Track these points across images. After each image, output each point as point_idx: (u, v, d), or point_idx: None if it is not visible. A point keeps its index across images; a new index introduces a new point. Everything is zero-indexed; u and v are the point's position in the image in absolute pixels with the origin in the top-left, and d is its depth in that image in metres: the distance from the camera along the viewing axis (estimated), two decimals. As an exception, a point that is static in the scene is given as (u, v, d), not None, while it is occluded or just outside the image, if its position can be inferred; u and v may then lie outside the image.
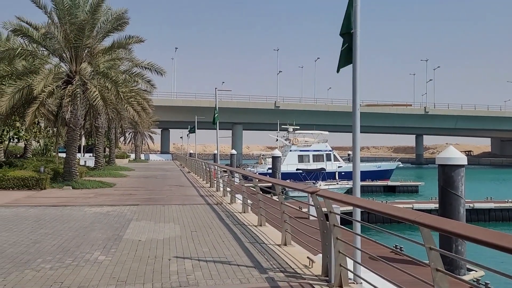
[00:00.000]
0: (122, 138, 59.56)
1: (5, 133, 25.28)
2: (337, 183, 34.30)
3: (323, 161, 44.66)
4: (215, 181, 18.26)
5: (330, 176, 39.96)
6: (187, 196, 15.77)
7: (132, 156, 61.15)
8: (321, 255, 5.80)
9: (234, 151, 46.61)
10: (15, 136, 26.71)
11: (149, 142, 71.05)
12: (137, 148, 62.71)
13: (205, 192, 16.96)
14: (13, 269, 5.88)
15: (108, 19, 19.37)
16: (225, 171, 16.93)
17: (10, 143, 31.61)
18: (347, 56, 5.99)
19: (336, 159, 45.99)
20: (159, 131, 74.55)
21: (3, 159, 26.97)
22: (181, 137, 66.92)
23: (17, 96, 17.25)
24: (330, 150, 46.29)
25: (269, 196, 16.45)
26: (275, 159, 32.15)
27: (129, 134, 61.43)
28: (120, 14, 19.44)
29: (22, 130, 25.83)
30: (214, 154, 39.66)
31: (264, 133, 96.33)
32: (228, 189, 14.80)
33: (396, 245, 10.44)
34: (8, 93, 17.07)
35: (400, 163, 51.23)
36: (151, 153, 75.07)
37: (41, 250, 7.03)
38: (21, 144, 36.07)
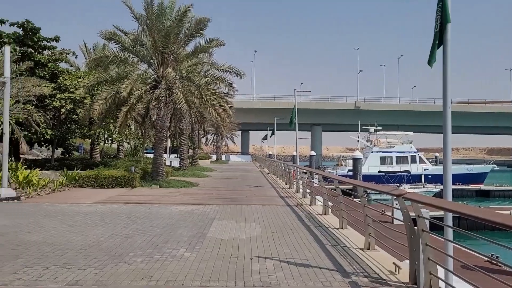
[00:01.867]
0: (204, 140, 61.85)
1: (100, 135, 27.40)
2: (423, 186, 32.53)
3: (408, 163, 42.65)
4: (295, 183, 18.20)
5: (415, 179, 38.04)
6: (267, 196, 15.90)
7: (214, 157, 63.18)
8: (408, 261, 5.50)
9: (313, 153, 46.22)
10: (109, 138, 28.85)
11: (230, 144, 72.97)
12: (218, 150, 64.67)
13: (284, 193, 16.98)
14: (108, 262, 6.31)
15: (191, 25, 20.19)
16: (304, 173, 16.81)
17: (105, 144, 34.25)
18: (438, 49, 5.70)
19: (422, 161, 43.69)
20: (239, 132, 76.22)
21: (99, 159, 29.28)
22: (263, 140, 67.71)
23: (110, 101, 18.61)
24: (415, 152, 44.09)
25: (350, 198, 16.01)
26: (356, 160, 31.33)
27: (211, 135, 63.55)
28: (202, 19, 20.16)
29: (115, 132, 27.81)
30: (293, 156, 39.64)
31: (344, 134, 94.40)
32: (308, 190, 14.67)
33: (492, 254, 9.61)
34: (102, 97, 18.49)
35: (495, 165, 47.32)
36: (231, 154, 77.04)
37: (133, 244, 7.48)
38: (114, 145, 38.90)
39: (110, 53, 19.44)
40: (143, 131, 24.28)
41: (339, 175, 33.29)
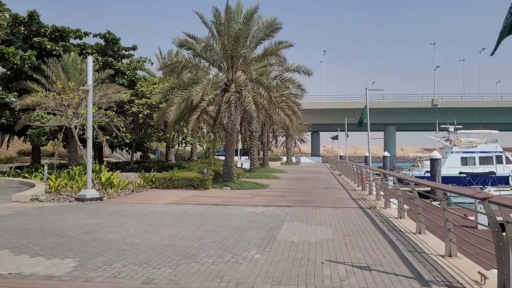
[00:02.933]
0: (274, 142, 62.13)
1: (174, 138, 28.51)
2: (511, 189, 29.99)
3: (493, 164, 39.59)
4: (367, 184, 17.61)
5: (502, 180, 35.21)
6: (338, 198, 15.53)
7: (284, 159, 63.23)
8: (495, 270, 5.03)
9: (387, 153, 44.55)
10: (183, 141, 29.93)
11: (300, 145, 72.63)
12: (288, 151, 64.62)
13: (357, 195, 16.48)
14: (181, 261, 6.46)
15: (259, 28, 20.35)
16: (377, 174, 16.19)
17: (179, 147, 35.61)
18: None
19: (509, 162, 40.34)
20: (309, 134, 75.62)
21: (174, 162, 30.49)
22: (333, 139, 66.49)
23: (183, 105, 19.27)
24: (501, 152, 40.82)
25: (428, 201, 15.14)
26: (434, 161, 29.66)
27: (281, 137, 63.70)
28: (270, 22, 20.24)
29: (189, 135, 28.79)
30: (366, 157, 38.51)
31: (420, 134, 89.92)
32: (382, 192, 14.10)
33: None
34: (175, 102, 19.20)
35: None
36: (302, 156, 76.65)
37: (205, 245, 7.61)
38: (188, 148, 40.34)
39: (182, 59, 20.16)
40: (214, 133, 24.87)
41: (415, 176, 31.69)
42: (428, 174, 33.14)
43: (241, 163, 36.36)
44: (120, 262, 6.40)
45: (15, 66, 23.92)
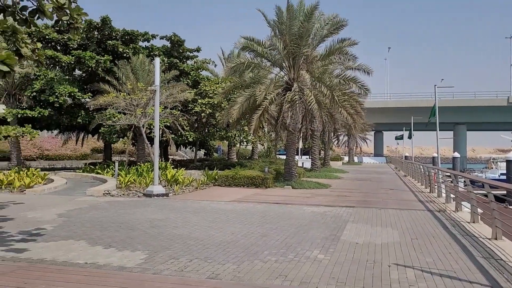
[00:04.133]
0: (336, 141, 61.14)
1: (236, 137, 28.94)
2: None
3: None
4: (436, 186, 16.78)
5: None
6: (404, 200, 14.94)
7: (346, 158, 62.02)
8: None
9: (456, 154, 42.21)
10: (244, 140, 30.31)
11: (362, 145, 70.87)
12: (350, 151, 63.31)
13: (424, 198, 15.76)
14: (245, 258, 6.52)
15: (321, 25, 20.08)
16: (448, 176, 15.37)
17: (241, 146, 36.10)
18: None
19: None
20: (372, 133, 73.58)
21: (236, 160, 30.95)
22: (397, 140, 64.13)
23: (245, 104, 19.49)
24: None
25: (504, 205, 14.14)
26: (510, 163, 27.68)
27: (342, 137, 62.56)
28: (333, 19, 19.91)
29: (250, 134, 29.10)
30: (433, 157, 36.75)
31: (493, 133, 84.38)
32: (452, 195, 13.37)
33: None
34: (238, 102, 19.46)
35: None
36: (364, 156, 74.75)
37: (267, 243, 7.63)
38: (249, 147, 40.75)
39: (245, 60, 20.38)
40: (275, 133, 24.93)
41: (489, 179, 29.79)
42: (503, 177, 31.02)
43: (302, 163, 36.15)
44: (186, 256, 6.59)
45: (90, 69, 25.47)
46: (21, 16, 6.98)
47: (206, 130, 29.10)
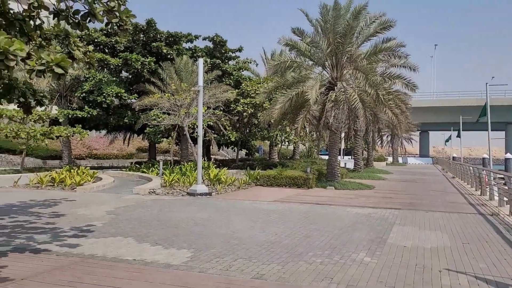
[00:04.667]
0: (379, 141, 59.76)
1: (278, 137, 28.91)
2: None
3: None
4: (487, 189, 16.03)
5: None
6: (452, 203, 14.36)
7: (390, 159, 60.53)
8: None
9: (509, 155, 40.20)
10: (286, 140, 30.23)
11: (407, 145, 68.89)
12: (394, 151, 61.72)
13: (474, 200, 15.09)
14: (289, 259, 6.47)
15: (366, 24, 19.67)
16: (501, 177, 14.63)
17: (282, 146, 36.01)
18: None
19: None
20: (417, 133, 71.40)
21: (277, 160, 30.92)
22: (446, 143, 61.80)
23: (287, 104, 19.40)
24: None
25: None
26: None
27: (386, 137, 61.10)
28: (379, 17, 19.44)
29: (291, 134, 28.99)
30: (484, 158, 35.22)
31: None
32: (505, 198, 12.71)
33: None
34: (280, 102, 19.39)
35: None
36: (409, 157, 72.60)
37: (311, 244, 7.54)
38: (290, 147, 40.60)
39: (287, 58, 20.31)
40: (317, 132, 24.68)
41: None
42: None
43: (345, 163, 35.59)
44: (230, 256, 6.61)
45: (136, 71, 26.23)
46: (74, 19, 7.26)
47: (248, 130, 29.24)
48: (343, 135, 29.92)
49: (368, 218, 10.65)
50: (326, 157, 24.05)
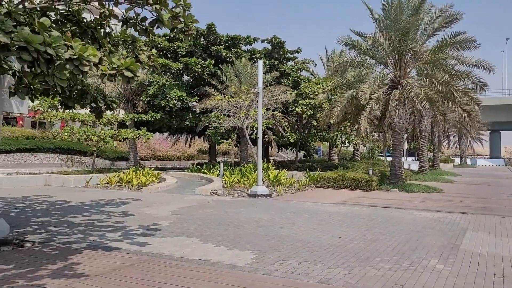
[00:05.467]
0: (445, 142, 56.95)
1: (337, 138, 28.39)
2: None
3: None
4: None
5: None
6: (532, 208, 13.29)
7: (457, 160, 57.48)
8: None
9: None
10: (346, 141, 29.62)
11: (476, 146, 65.05)
12: (462, 152, 58.53)
13: (557, 205, 13.87)
14: (356, 264, 6.26)
15: (432, 19, 18.79)
16: None
17: (342, 147, 35.33)
18: None
19: None
20: (487, 133, 67.28)
21: (337, 161, 30.37)
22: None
23: (347, 105, 18.97)
24: None
25: None
26: None
27: (453, 137, 58.09)
28: (445, 11, 18.50)
29: (352, 135, 28.35)
30: None
31: None
32: None
33: None
34: (340, 102, 19.01)
35: None
36: (478, 158, 68.53)
37: (378, 249, 7.26)
38: (350, 148, 39.73)
39: (347, 58, 19.87)
40: (379, 133, 23.92)
41: None
42: None
43: (408, 165, 34.24)
44: (294, 258, 6.52)
45: (196, 74, 26.91)
46: (141, 26, 7.53)
47: (307, 131, 28.98)
48: (406, 135, 28.78)
49: (438, 222, 10.11)
50: (387, 158, 23.26)
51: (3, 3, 5.91)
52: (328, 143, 31.99)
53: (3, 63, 6.87)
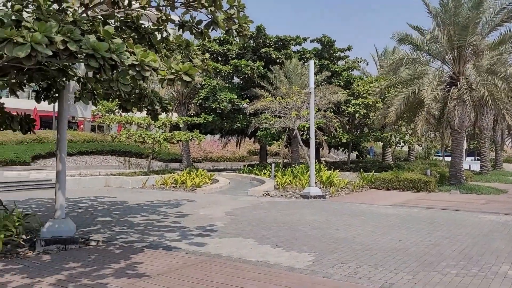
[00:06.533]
0: (508, 141, 53.72)
1: (392, 138, 27.54)
2: None
3: None
4: None
5: None
6: None
7: (521, 160, 54.01)
8: None
9: None
10: (402, 140, 28.67)
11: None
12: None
13: None
14: (420, 269, 5.99)
15: (495, 11, 17.76)
16: None
17: (396, 147, 34.25)
18: None
19: None
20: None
21: (391, 162, 29.47)
22: None
23: (403, 104, 18.32)
24: None
25: None
26: None
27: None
28: (507, 5, 17.44)
29: (407, 135, 27.40)
30: None
31: None
32: None
33: None
34: (395, 102, 18.39)
35: None
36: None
37: (442, 253, 6.92)
38: (405, 148, 38.46)
39: (402, 55, 19.23)
40: (437, 132, 22.95)
41: None
42: None
43: (469, 165, 32.61)
44: (354, 261, 6.35)
45: (246, 76, 27.09)
46: (197, 29, 7.66)
47: (359, 131, 28.35)
48: (465, 134, 27.42)
49: (506, 226, 9.52)
50: (443, 158, 22.23)
51: (69, 12, 6.21)
52: (382, 143, 31.10)
53: (69, 70, 7.24)
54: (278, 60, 27.95)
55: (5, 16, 4.85)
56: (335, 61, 31.08)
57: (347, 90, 26.69)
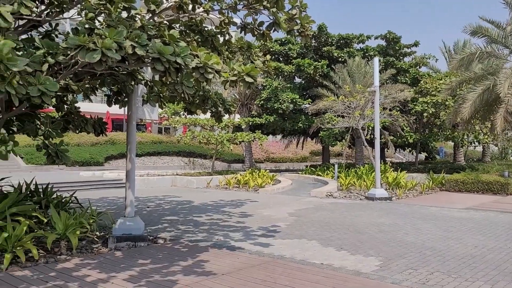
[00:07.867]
0: None
1: (465, 137, 26.00)
2: None
3: None
4: None
5: None
6: None
7: None
8: None
9: None
10: (475, 140, 26.98)
11: None
12: None
13: None
14: (499, 278, 5.55)
15: None
16: None
17: (469, 147, 32.28)
18: None
19: None
20: None
21: (464, 163, 27.81)
22: None
23: (477, 100, 17.19)
24: None
25: None
26: None
27: None
28: None
29: (481, 134, 25.73)
30: None
31: None
32: None
33: None
34: (469, 98, 17.28)
35: None
36: None
37: (525, 262, 6.37)
38: (478, 148, 36.16)
39: (474, 49, 18.06)
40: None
41: None
42: None
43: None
44: (424, 268, 6.02)
45: (308, 76, 26.85)
46: (259, 31, 7.67)
47: (427, 131, 27.05)
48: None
49: None
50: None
51: (137, 19, 6.47)
52: (453, 143, 29.45)
53: (137, 74, 7.55)
54: (340, 59, 27.44)
55: (79, 24, 5.14)
56: (401, 58, 29.95)
57: (414, 88, 25.58)
